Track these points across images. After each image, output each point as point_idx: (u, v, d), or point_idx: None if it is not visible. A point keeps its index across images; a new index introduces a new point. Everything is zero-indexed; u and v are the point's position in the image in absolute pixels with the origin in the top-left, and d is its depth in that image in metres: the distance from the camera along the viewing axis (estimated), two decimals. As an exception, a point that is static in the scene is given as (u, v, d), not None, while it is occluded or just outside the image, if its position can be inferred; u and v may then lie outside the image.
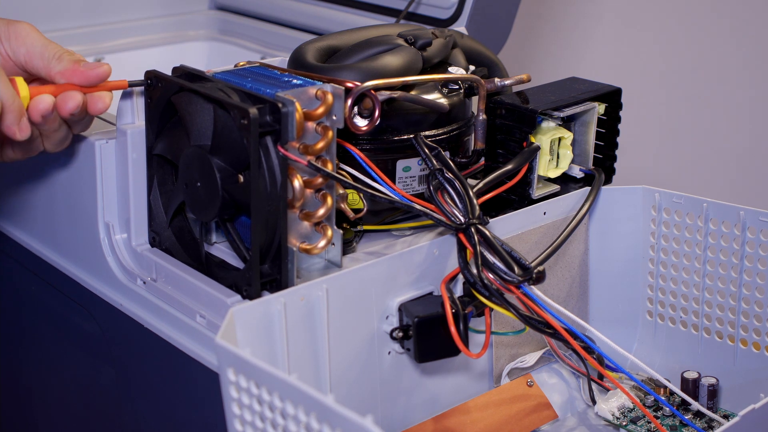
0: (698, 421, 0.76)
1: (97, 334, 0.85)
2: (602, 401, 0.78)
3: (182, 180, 0.72)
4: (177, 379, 0.77)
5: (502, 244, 0.68)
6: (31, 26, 0.74)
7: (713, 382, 0.77)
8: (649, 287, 0.84)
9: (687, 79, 1.71)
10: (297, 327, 0.66)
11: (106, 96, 0.73)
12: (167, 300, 0.75)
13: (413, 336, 0.69)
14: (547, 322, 0.68)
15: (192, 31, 1.29)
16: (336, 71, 0.75)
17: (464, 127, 0.80)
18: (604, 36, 1.74)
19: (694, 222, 0.81)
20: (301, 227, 0.70)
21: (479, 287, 0.67)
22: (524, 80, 0.81)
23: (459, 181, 0.71)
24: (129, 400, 0.84)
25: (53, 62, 0.72)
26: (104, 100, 0.73)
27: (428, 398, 0.75)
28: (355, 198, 0.76)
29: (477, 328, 0.70)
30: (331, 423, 0.52)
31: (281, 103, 0.66)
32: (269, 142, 0.67)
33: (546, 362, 0.81)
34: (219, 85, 0.70)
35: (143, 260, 0.77)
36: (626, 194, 0.83)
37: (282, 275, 0.69)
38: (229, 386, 0.58)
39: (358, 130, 0.73)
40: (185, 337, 0.74)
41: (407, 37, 0.79)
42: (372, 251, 0.76)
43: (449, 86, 0.80)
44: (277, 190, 0.67)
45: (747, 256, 0.79)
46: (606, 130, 0.84)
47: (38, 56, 0.72)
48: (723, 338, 0.81)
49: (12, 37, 0.73)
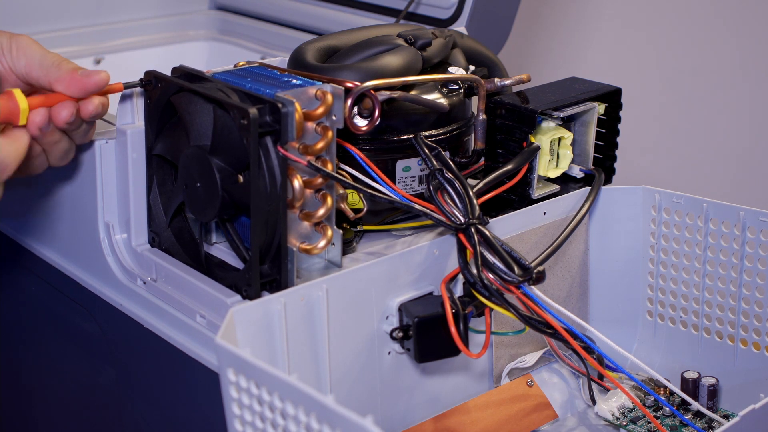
0: (698, 421, 0.76)
1: (97, 334, 0.85)
2: (602, 401, 0.78)
3: (182, 180, 0.72)
4: (177, 379, 0.77)
5: (502, 244, 0.68)
6: (30, 39, 0.75)
7: (713, 382, 0.77)
8: (649, 287, 0.84)
9: (687, 79, 1.71)
10: (297, 327, 0.66)
11: (96, 99, 0.73)
12: (167, 300, 0.75)
13: (413, 336, 0.69)
14: (547, 322, 0.68)
15: (192, 31, 1.29)
16: (336, 71, 0.75)
17: (464, 127, 0.80)
18: (604, 36, 1.74)
19: (694, 222, 0.81)
20: (301, 227, 0.70)
21: (479, 287, 0.67)
22: (524, 80, 0.81)
23: (459, 181, 0.71)
24: (129, 400, 0.84)
25: (52, 70, 0.72)
26: (94, 103, 0.73)
27: (428, 398, 0.75)
28: (355, 198, 0.76)
29: (477, 328, 0.70)
30: (332, 423, 0.52)
31: (281, 104, 0.66)
32: (269, 142, 0.67)
33: (546, 362, 0.81)
34: (218, 85, 0.70)
35: (143, 260, 0.77)
36: (626, 194, 0.83)
37: (282, 275, 0.69)
38: (229, 386, 0.59)
39: (358, 130, 0.73)
40: (185, 337, 0.74)
41: (407, 37, 0.79)
42: (372, 251, 0.76)
43: (449, 86, 0.80)
44: (277, 190, 0.67)
45: (747, 256, 0.79)
46: (606, 130, 0.84)
47: (37, 66, 0.73)
48: (723, 338, 0.81)
49: (13, 50, 0.73)
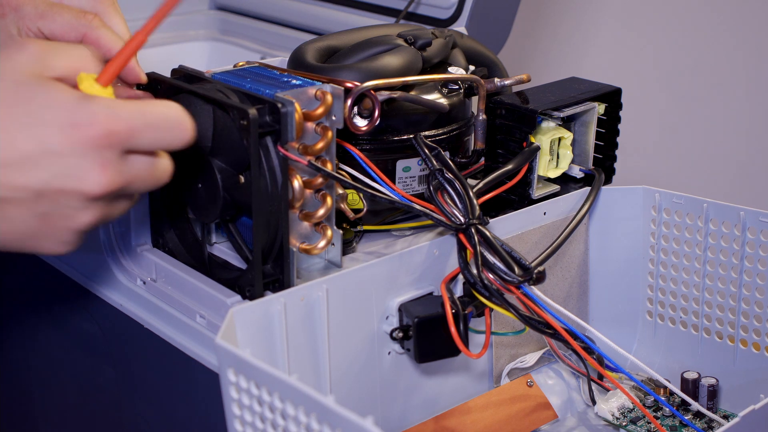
0: (698, 422, 0.76)
1: (97, 334, 0.85)
2: (602, 401, 0.78)
3: (183, 181, 0.72)
4: (177, 380, 0.77)
5: (502, 244, 0.68)
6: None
7: (713, 382, 0.77)
8: (649, 287, 0.84)
9: (687, 79, 1.71)
10: (297, 327, 0.66)
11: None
12: (167, 300, 0.75)
13: (413, 336, 0.69)
14: (547, 323, 0.68)
15: (192, 31, 1.29)
16: (336, 71, 0.75)
17: (464, 127, 0.80)
18: (604, 36, 1.74)
19: (694, 222, 0.81)
20: (301, 227, 0.70)
21: (479, 287, 0.67)
22: (524, 80, 0.81)
23: (459, 181, 0.71)
24: (129, 401, 0.84)
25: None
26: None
27: (428, 398, 0.75)
28: (355, 198, 0.76)
29: (477, 328, 0.70)
30: (332, 424, 0.52)
31: (280, 104, 0.66)
32: (269, 142, 0.67)
33: (546, 362, 0.81)
34: (218, 86, 0.70)
35: (143, 260, 0.77)
36: (626, 194, 0.83)
37: (285, 275, 0.69)
38: (230, 387, 0.58)
39: (357, 131, 0.73)
40: (185, 338, 0.74)
41: (407, 37, 0.79)
42: (372, 251, 0.76)
43: (449, 86, 0.80)
44: (278, 191, 0.67)
45: (747, 256, 0.79)
46: (606, 130, 0.84)
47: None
48: (723, 338, 0.81)
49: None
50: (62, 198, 0.57)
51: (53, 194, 0.56)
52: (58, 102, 0.56)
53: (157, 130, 0.58)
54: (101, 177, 0.56)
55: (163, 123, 0.58)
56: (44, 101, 0.56)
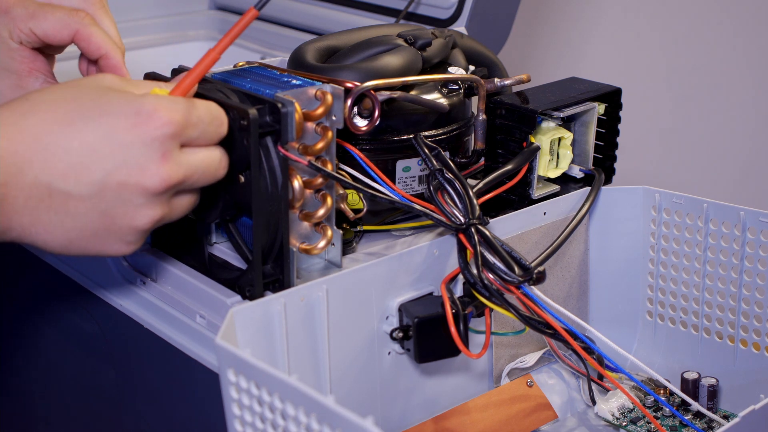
0: (698, 422, 0.76)
1: (97, 334, 0.85)
2: (602, 401, 0.78)
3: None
4: (177, 380, 0.77)
5: (502, 244, 0.68)
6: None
7: (713, 382, 0.77)
8: (649, 287, 0.84)
9: (687, 79, 1.71)
10: (297, 327, 0.66)
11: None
12: (167, 300, 0.75)
13: (413, 336, 0.69)
14: (547, 323, 0.68)
15: (192, 31, 1.29)
16: (336, 71, 0.75)
17: (464, 127, 0.80)
18: (604, 36, 1.74)
19: (695, 222, 0.81)
20: (301, 227, 0.70)
21: (479, 287, 0.67)
22: (524, 80, 0.81)
23: (459, 182, 0.71)
24: (129, 401, 0.84)
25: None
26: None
27: (428, 398, 0.75)
28: (355, 198, 0.76)
29: (477, 328, 0.70)
30: (332, 424, 0.52)
31: (280, 104, 0.66)
32: (269, 142, 0.67)
33: (546, 362, 0.81)
34: (218, 86, 0.70)
35: (143, 260, 0.77)
36: (626, 194, 0.83)
37: (285, 275, 0.69)
38: (230, 387, 0.58)
39: (357, 131, 0.73)
40: (185, 338, 0.74)
41: (407, 37, 0.79)
42: (372, 251, 0.76)
43: (449, 86, 0.80)
44: (278, 191, 0.67)
45: (747, 256, 0.79)
46: (606, 130, 0.84)
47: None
48: (723, 339, 0.81)
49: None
50: (124, 192, 0.58)
51: (116, 188, 0.58)
52: (123, 96, 0.59)
53: (206, 123, 0.62)
54: (161, 169, 0.59)
55: (208, 116, 0.62)
56: (110, 97, 0.59)
